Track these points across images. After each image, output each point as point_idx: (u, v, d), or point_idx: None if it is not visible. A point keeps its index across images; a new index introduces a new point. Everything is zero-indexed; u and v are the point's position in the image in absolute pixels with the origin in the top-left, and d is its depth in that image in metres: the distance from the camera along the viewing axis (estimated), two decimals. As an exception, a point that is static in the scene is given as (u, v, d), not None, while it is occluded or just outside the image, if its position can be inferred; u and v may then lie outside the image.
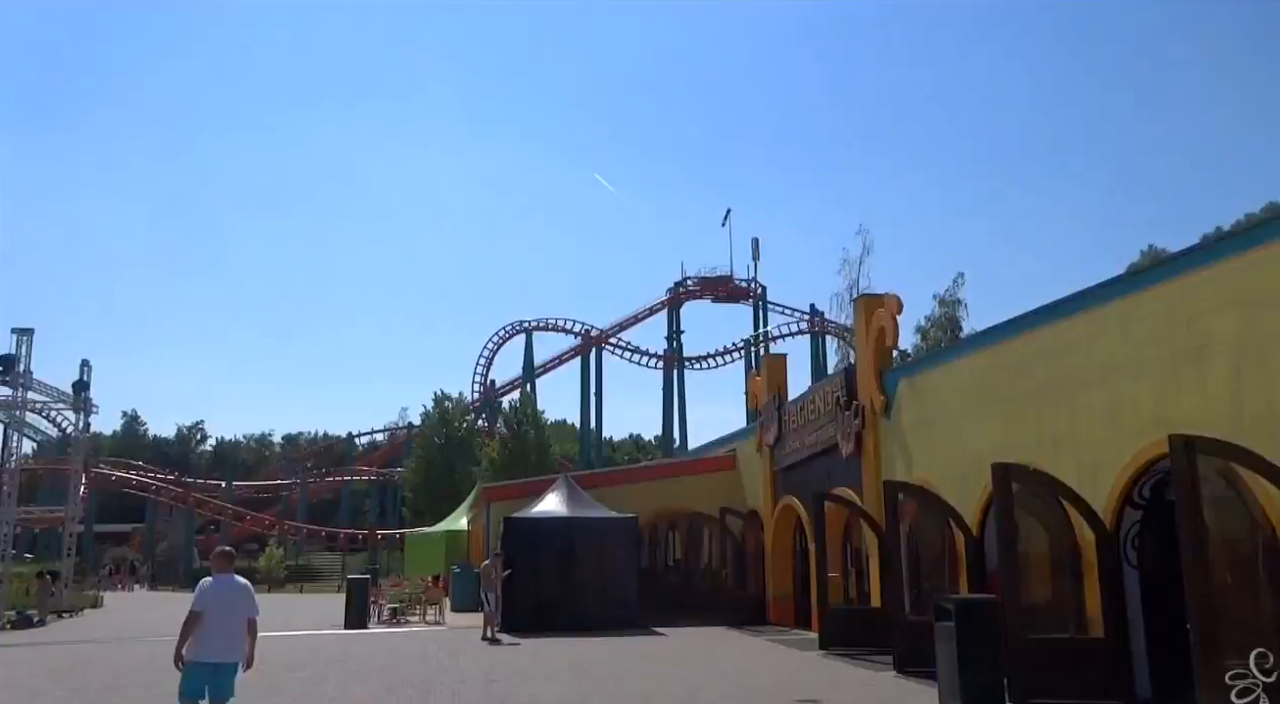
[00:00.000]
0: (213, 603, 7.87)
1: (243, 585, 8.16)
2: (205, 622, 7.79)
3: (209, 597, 7.89)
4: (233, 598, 7.98)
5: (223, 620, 7.85)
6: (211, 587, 7.98)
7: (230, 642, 7.87)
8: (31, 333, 26.73)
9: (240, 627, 7.93)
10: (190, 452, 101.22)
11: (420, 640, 18.62)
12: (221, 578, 8.08)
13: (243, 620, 7.96)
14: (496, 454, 48.62)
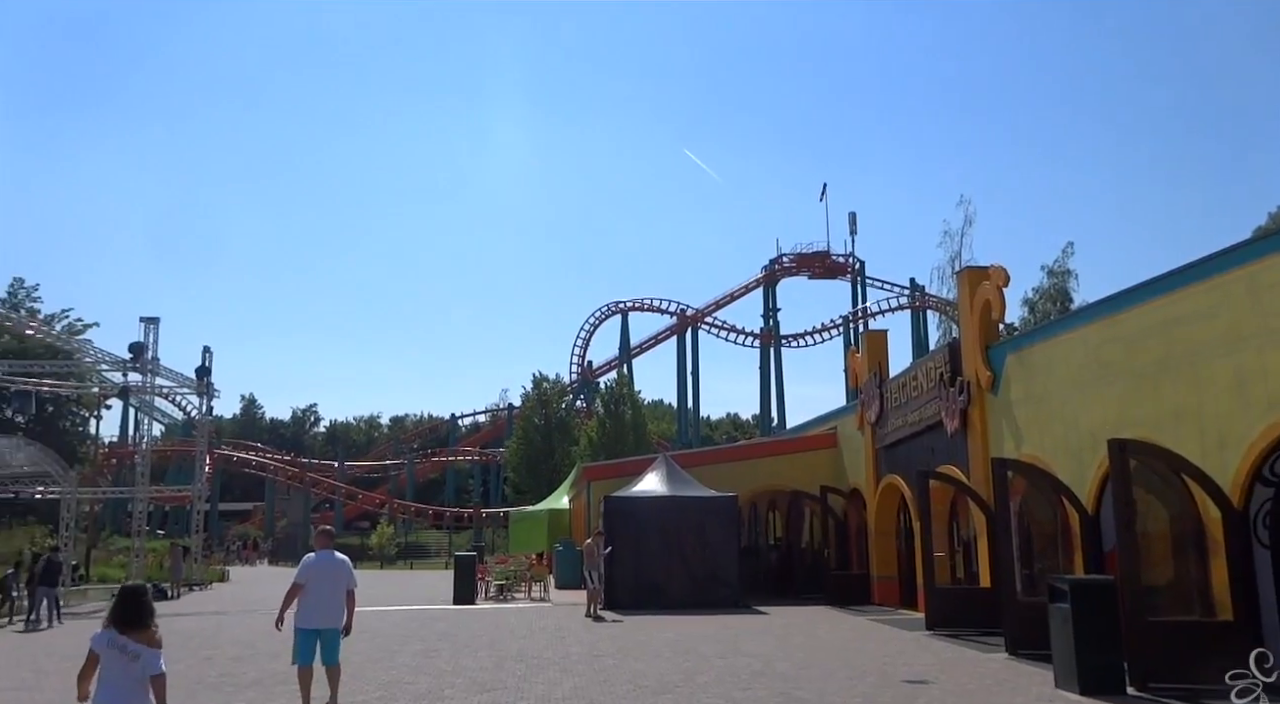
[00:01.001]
0: (314, 576, 8.72)
1: (341, 560, 8.91)
2: (308, 593, 8.66)
3: (311, 571, 8.75)
4: (333, 571, 8.80)
5: (324, 592, 8.70)
6: (313, 561, 8.82)
7: (331, 610, 8.71)
8: (158, 322, 28.22)
9: (340, 597, 8.74)
10: (304, 433, 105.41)
11: (526, 616, 19.04)
12: (322, 553, 8.89)
13: (342, 591, 8.76)
14: (594, 434, 49.15)
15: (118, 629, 5.28)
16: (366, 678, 11.12)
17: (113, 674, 5.20)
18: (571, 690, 10.15)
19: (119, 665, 5.20)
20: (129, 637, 5.25)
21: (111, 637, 5.24)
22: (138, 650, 5.23)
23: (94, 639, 5.32)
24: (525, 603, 22.46)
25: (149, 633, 5.33)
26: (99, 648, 5.26)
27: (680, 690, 10.03)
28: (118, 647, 5.22)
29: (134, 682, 5.21)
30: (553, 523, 32.70)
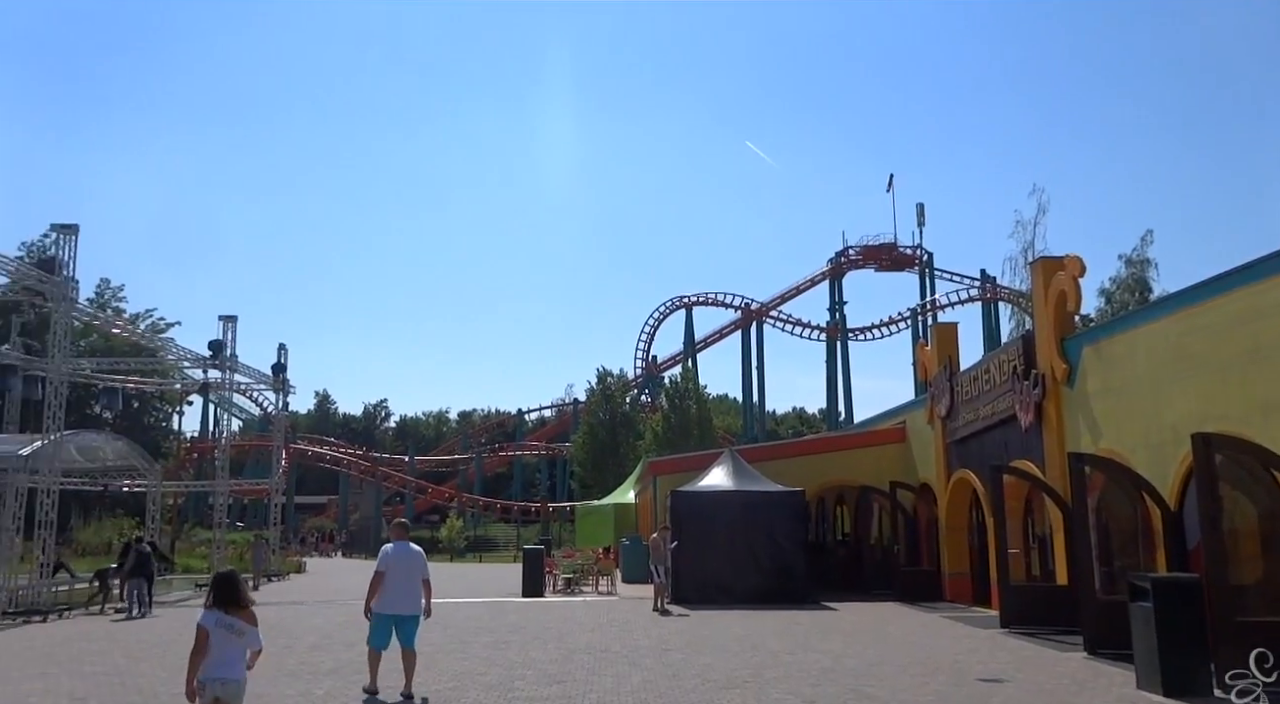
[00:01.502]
0: (393, 565, 9.37)
1: (416, 551, 9.61)
2: (387, 581, 9.31)
3: (390, 560, 9.40)
4: (409, 561, 9.48)
5: (402, 580, 9.37)
6: (391, 552, 9.48)
7: (409, 597, 9.38)
8: (236, 320, 29.07)
9: (417, 585, 9.43)
10: (375, 428, 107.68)
11: (594, 610, 19.17)
12: (399, 544, 9.56)
13: (418, 580, 9.45)
14: (659, 429, 49.19)
15: (222, 609, 5.90)
16: (440, 668, 11.33)
17: (220, 648, 5.82)
18: (640, 684, 10.20)
19: (226, 640, 5.85)
20: (233, 615, 5.90)
21: (219, 616, 5.87)
22: (243, 628, 5.92)
23: (203, 618, 5.90)
24: (592, 596, 22.62)
25: (249, 611, 6.01)
26: (208, 625, 5.86)
27: (749, 686, 10.01)
28: (225, 625, 5.87)
29: (238, 653, 5.91)
30: (619, 517, 32.84)
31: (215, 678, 5.78)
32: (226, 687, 5.79)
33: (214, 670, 5.78)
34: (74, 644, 14.66)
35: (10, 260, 20.12)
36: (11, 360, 27.71)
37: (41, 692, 10.22)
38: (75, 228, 20.94)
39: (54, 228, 21.27)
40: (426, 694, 9.68)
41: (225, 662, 5.82)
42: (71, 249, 20.81)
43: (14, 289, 20.99)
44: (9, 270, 19.99)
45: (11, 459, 20.70)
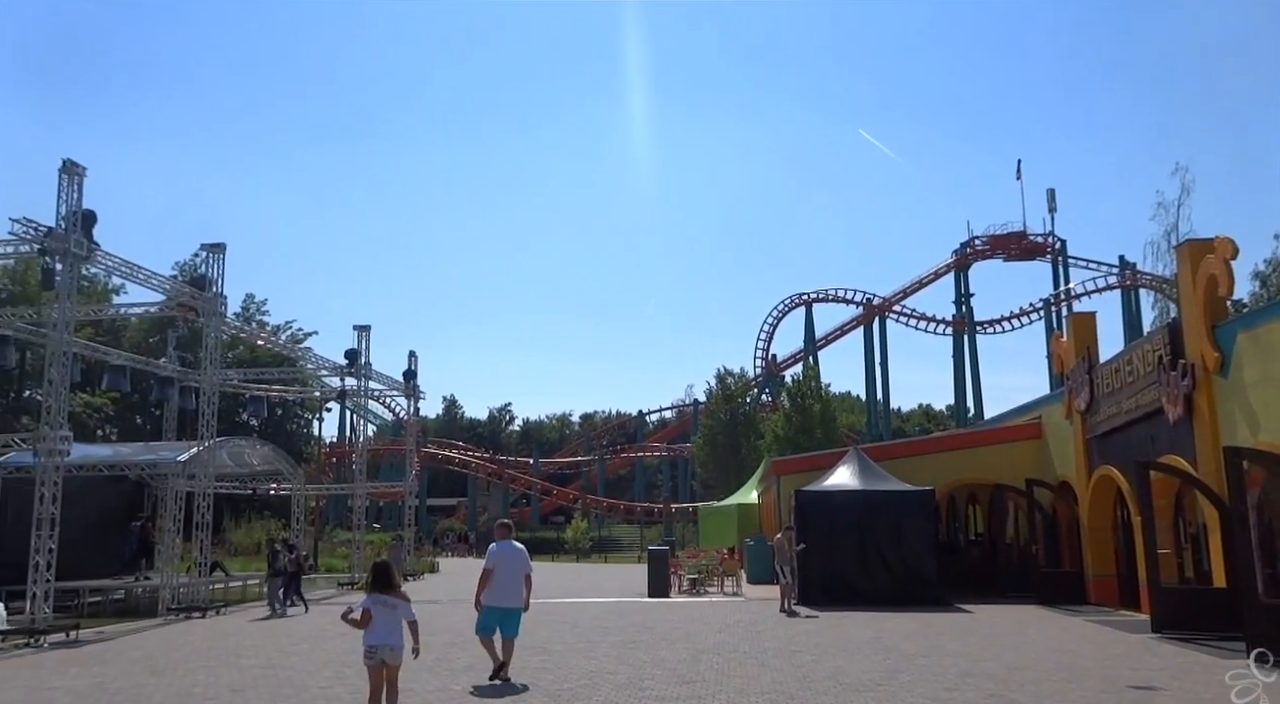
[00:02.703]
0: (499, 562, 10.23)
1: (520, 549, 10.43)
2: (494, 577, 10.18)
3: (496, 558, 10.28)
4: (514, 558, 10.32)
5: (507, 576, 10.24)
6: (497, 550, 10.33)
7: (513, 592, 10.24)
8: (369, 329, 30.31)
9: (520, 581, 10.29)
10: (500, 431, 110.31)
11: (720, 610, 19.12)
12: (504, 543, 10.41)
13: (522, 576, 10.30)
14: (781, 428, 48.67)
15: (379, 592, 7.59)
16: (570, 667, 11.52)
17: (381, 621, 7.50)
18: (769, 685, 10.10)
19: (384, 615, 7.52)
20: (386, 594, 7.57)
21: (376, 597, 7.56)
22: (395, 603, 7.58)
23: (365, 600, 7.58)
24: (718, 597, 22.55)
25: (400, 592, 7.70)
26: (369, 605, 7.53)
27: (882, 689, 9.78)
28: (381, 603, 7.53)
29: (396, 624, 7.54)
30: (742, 517, 32.65)
31: (381, 644, 7.45)
32: (391, 652, 7.49)
33: (378, 638, 7.45)
34: (230, 639, 15.56)
35: (166, 279, 21.52)
36: (169, 373, 29.69)
37: (204, 683, 10.89)
38: (222, 246, 22.25)
39: (203, 247, 22.65)
40: (559, 691, 9.86)
41: (386, 631, 7.48)
42: (220, 267, 22.12)
43: (170, 306, 22.42)
44: (165, 288, 21.38)
45: (170, 465, 22.16)
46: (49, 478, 16.71)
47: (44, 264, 17.47)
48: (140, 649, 14.42)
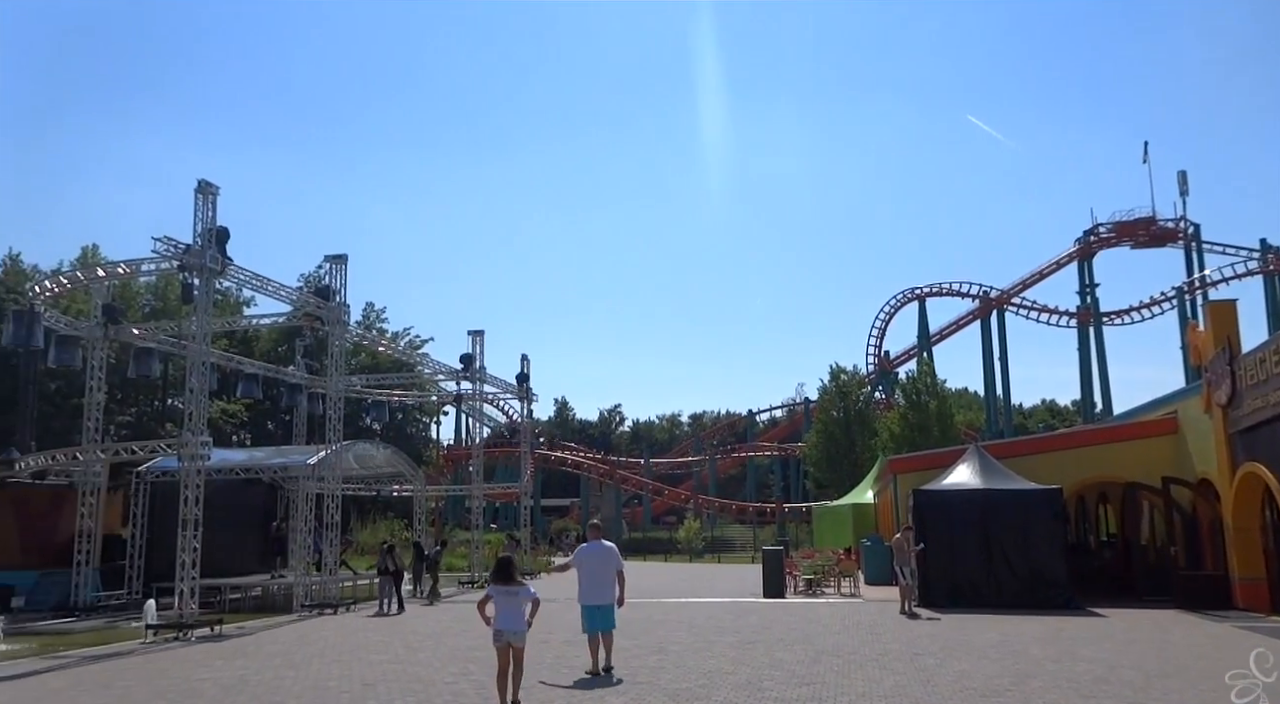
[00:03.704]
0: (585, 561, 10.83)
1: (609, 547, 10.96)
2: (584, 577, 10.78)
3: (581, 557, 10.93)
4: (603, 557, 10.82)
5: (596, 574, 10.73)
6: (585, 549, 10.97)
7: (603, 589, 10.70)
8: (482, 334, 31.04)
9: (611, 578, 10.74)
10: (611, 432, 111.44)
11: (838, 611, 18.81)
12: (594, 543, 11.00)
13: (612, 573, 10.75)
14: (896, 426, 47.57)
15: (500, 583, 8.92)
16: (688, 666, 11.52)
17: (505, 608, 8.79)
18: (893, 688, 9.88)
19: (507, 602, 8.81)
20: (506, 585, 8.86)
21: (497, 587, 8.90)
22: (516, 590, 8.82)
23: (488, 590, 9.00)
24: (835, 598, 22.20)
25: (518, 579, 8.99)
26: (493, 594, 8.91)
27: (1011, 694, 9.44)
28: (503, 592, 8.85)
29: (518, 610, 8.76)
30: (858, 517, 32.07)
31: (505, 629, 8.68)
32: (515, 635, 8.68)
33: (503, 623, 8.69)
34: (359, 635, 16.19)
35: (292, 290, 22.55)
36: (297, 380, 31.11)
37: (338, 676, 11.35)
38: (344, 257, 23.18)
39: (326, 258, 23.65)
40: (678, 690, 9.88)
41: (510, 617, 8.71)
42: (342, 277, 23.04)
43: (297, 316, 23.51)
44: (292, 299, 22.41)
45: (301, 467, 23.22)
46: (191, 481, 17.72)
47: (183, 279, 18.55)
48: (277, 643, 15.15)
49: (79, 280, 23.41)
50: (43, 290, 22.37)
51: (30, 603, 21.73)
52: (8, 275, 54.47)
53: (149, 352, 25.61)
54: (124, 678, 11.73)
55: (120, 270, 20.72)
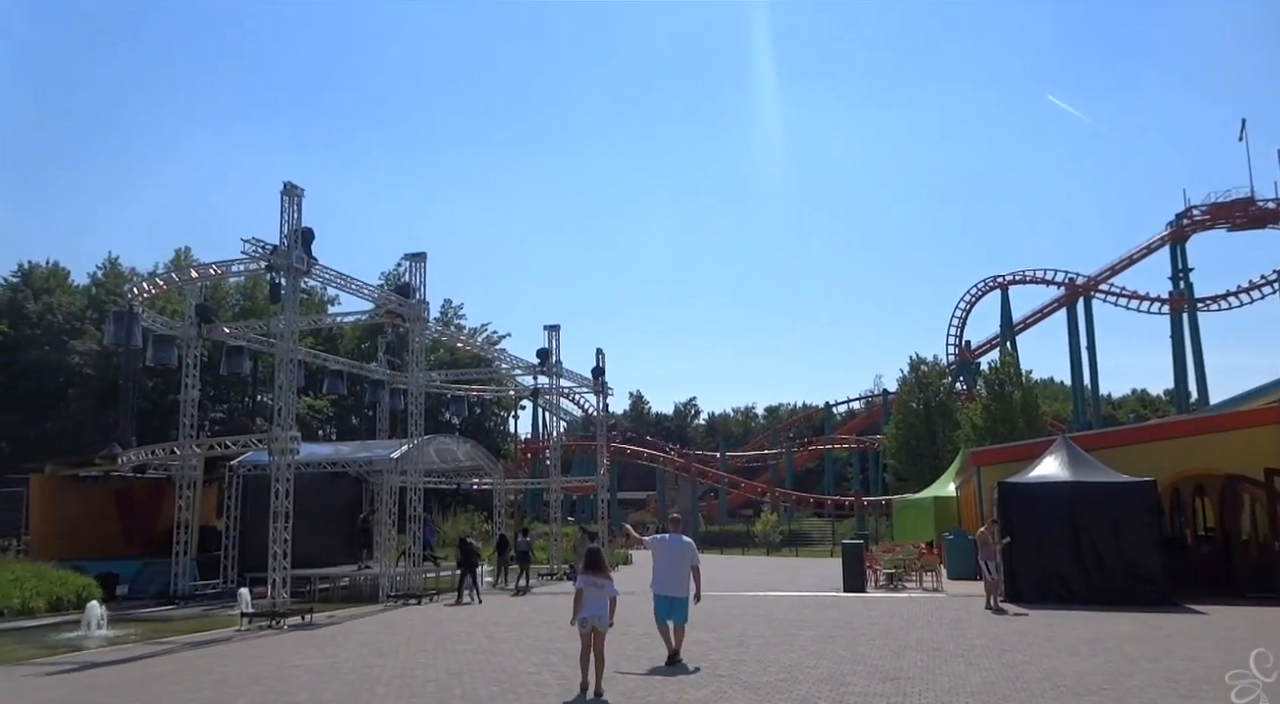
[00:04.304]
0: (661, 553, 11.07)
1: (686, 541, 11.18)
2: (658, 567, 11.01)
3: (657, 544, 11.22)
4: (679, 550, 11.02)
5: (671, 567, 10.92)
6: (661, 540, 11.26)
7: (678, 581, 10.88)
8: (558, 329, 31.29)
9: (686, 571, 10.92)
10: (686, 425, 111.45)
11: (920, 606, 18.49)
12: (672, 536, 11.24)
13: (687, 567, 10.92)
14: (978, 418, 46.49)
15: (589, 573, 9.68)
16: (768, 660, 11.47)
17: (591, 598, 9.50)
18: (980, 685, 9.67)
19: (594, 593, 9.53)
20: (596, 576, 9.60)
21: (587, 578, 9.65)
22: (603, 582, 9.59)
23: (578, 581, 9.77)
24: (917, 593, 21.81)
25: (607, 573, 9.70)
26: (582, 585, 9.64)
27: (1106, 693, 9.15)
28: (591, 583, 9.58)
29: (603, 601, 9.50)
30: (939, 511, 31.42)
31: (591, 616, 9.41)
32: (599, 621, 9.40)
33: (589, 611, 9.44)
34: (442, 625, 16.52)
35: (374, 288, 23.07)
36: (380, 376, 31.85)
37: (424, 666, 11.61)
38: (423, 255, 23.62)
39: (406, 256, 24.13)
40: (758, 683, 9.85)
41: (595, 606, 9.45)
42: (421, 274, 23.49)
43: (378, 313, 24.04)
44: (373, 297, 22.93)
45: (384, 461, 23.77)
46: (281, 474, 18.29)
47: (270, 279, 19.13)
48: (365, 632, 15.56)
49: (173, 282, 24.36)
50: (140, 292, 23.33)
51: (133, 591, 22.77)
52: (108, 278, 56.97)
53: (239, 350, 26.51)
54: (222, 663, 12.19)
55: (212, 271, 21.49)
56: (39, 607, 18.68)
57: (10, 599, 18.34)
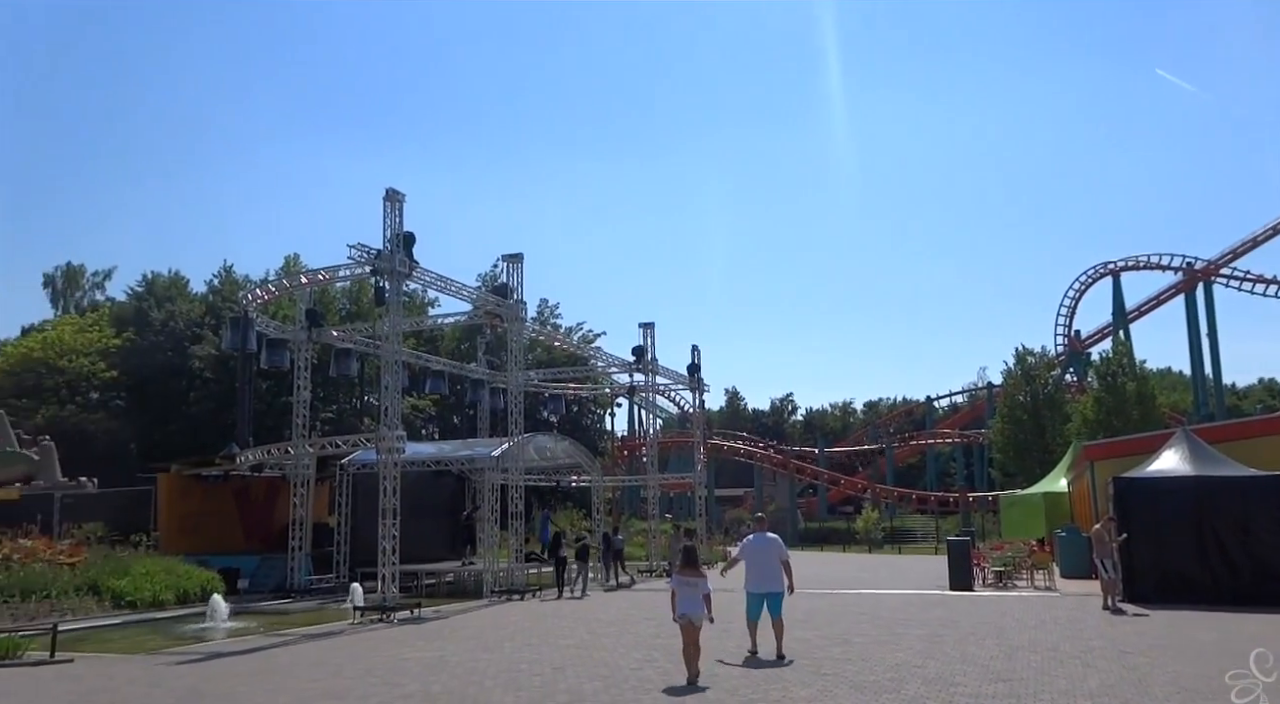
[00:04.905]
0: (751, 552, 11.50)
1: (773, 538, 11.64)
2: (749, 565, 11.39)
3: (746, 548, 11.64)
4: (767, 548, 11.45)
5: (762, 563, 11.34)
6: (749, 541, 11.70)
7: (770, 577, 11.33)
8: (653, 326, 31.39)
9: (777, 567, 11.35)
10: (783, 421, 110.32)
11: (1032, 606, 17.88)
12: (759, 535, 11.67)
13: (777, 563, 11.35)
14: (1090, 410, 44.72)
15: (684, 571, 10.16)
16: (874, 659, 11.27)
17: (685, 596, 10.00)
18: (1099, 688, 9.30)
19: (688, 590, 10.02)
20: (690, 574, 10.10)
21: (680, 578, 10.15)
22: (696, 581, 10.05)
23: (671, 579, 10.34)
24: (1028, 591, 21.11)
25: (700, 571, 10.20)
26: (675, 584, 10.18)
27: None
28: (685, 582, 10.06)
29: (698, 597, 9.97)
30: (1050, 507, 30.37)
31: (686, 612, 9.92)
32: (695, 616, 9.90)
33: (684, 608, 9.95)
34: (546, 620, 16.77)
35: (472, 290, 23.58)
36: (480, 375, 32.52)
37: (529, 660, 11.81)
38: (520, 256, 24.02)
39: (503, 258, 24.57)
40: (864, 683, 9.69)
41: (690, 603, 9.93)
42: (518, 275, 23.89)
43: (477, 314, 24.58)
44: (472, 299, 23.43)
45: (486, 459, 24.27)
46: (389, 473, 18.86)
47: (375, 283, 19.74)
48: (471, 626, 15.92)
49: (284, 287, 25.36)
50: (254, 298, 24.39)
51: (253, 584, 23.82)
52: (223, 285, 59.68)
53: (347, 352, 27.45)
54: (337, 655, 12.65)
55: (320, 277, 22.32)
56: (168, 599, 19.71)
57: (142, 592, 19.40)
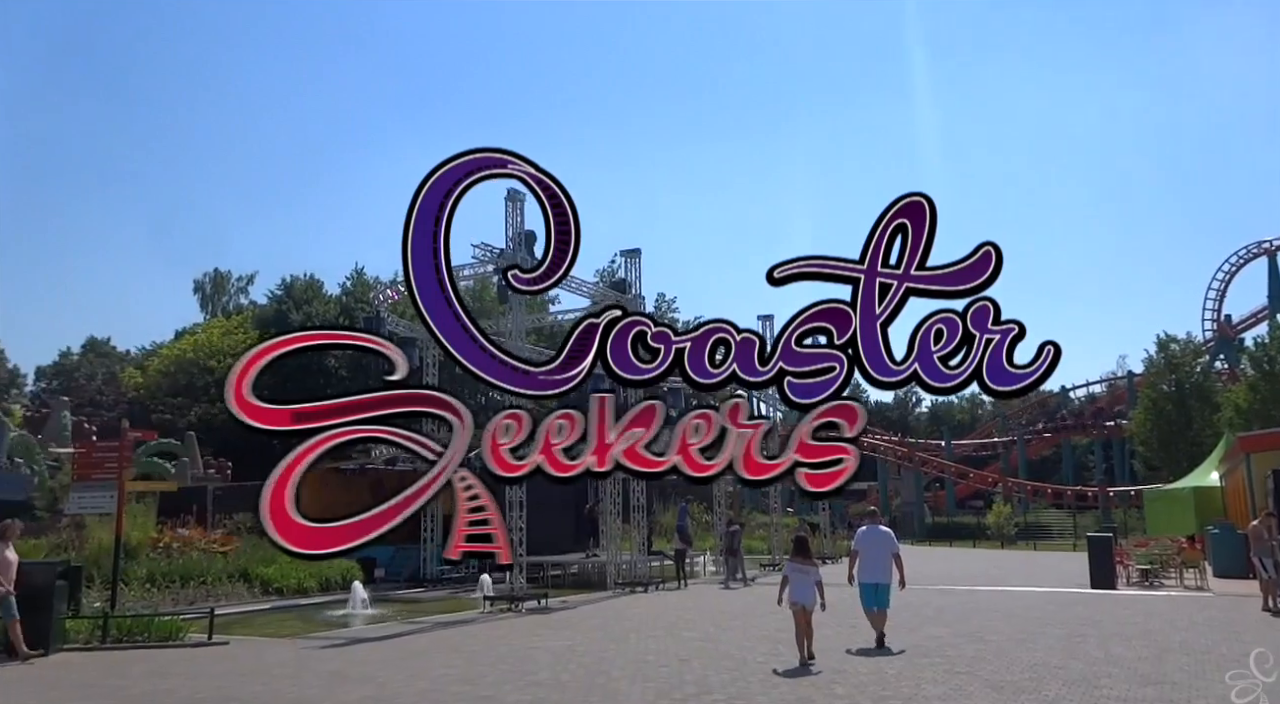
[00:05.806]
0: (865, 544, 11.88)
1: (885, 532, 12.01)
2: (863, 557, 11.81)
3: (862, 540, 11.96)
4: (878, 540, 11.83)
5: (874, 555, 11.72)
6: (864, 533, 12.08)
7: (880, 569, 11.65)
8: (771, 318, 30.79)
9: (887, 559, 11.65)
10: (908, 414, 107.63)
11: (1180, 606, 16.89)
12: (870, 528, 12.06)
13: (888, 555, 11.66)
14: (1244, 400, 41.90)
15: (797, 559, 10.73)
16: (1012, 658, 10.89)
17: (797, 583, 10.53)
18: (1264, 695, 8.71)
19: (800, 578, 10.55)
20: (801, 562, 10.66)
21: (793, 566, 10.69)
22: (808, 568, 10.62)
23: (785, 567, 10.88)
24: (1176, 591, 19.95)
25: (812, 560, 10.88)
26: (789, 572, 10.70)
27: None
28: (797, 570, 10.60)
29: (809, 585, 10.49)
30: (1200, 502, 28.66)
31: (796, 600, 10.44)
32: (804, 605, 10.40)
33: (795, 596, 10.46)
34: (669, 612, 16.87)
35: (591, 285, 23.91)
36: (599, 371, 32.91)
37: (655, 652, 11.92)
38: (638, 251, 24.20)
39: (621, 253, 24.81)
40: (1002, 682, 9.37)
41: (801, 590, 10.46)
42: (636, 270, 24.07)
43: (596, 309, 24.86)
44: (591, 294, 23.73)
45: (608, 453, 24.54)
46: (515, 466, 19.29)
47: (498, 281, 20.26)
48: (597, 618, 16.17)
49: (412, 288, 26.19)
50: (384, 298, 25.38)
51: (388, 573, 24.83)
52: (355, 287, 62.34)
53: (472, 349, 28.21)
54: (470, 643, 13.07)
55: (445, 276, 22.97)
56: (311, 586, 20.77)
57: (288, 580, 20.49)
